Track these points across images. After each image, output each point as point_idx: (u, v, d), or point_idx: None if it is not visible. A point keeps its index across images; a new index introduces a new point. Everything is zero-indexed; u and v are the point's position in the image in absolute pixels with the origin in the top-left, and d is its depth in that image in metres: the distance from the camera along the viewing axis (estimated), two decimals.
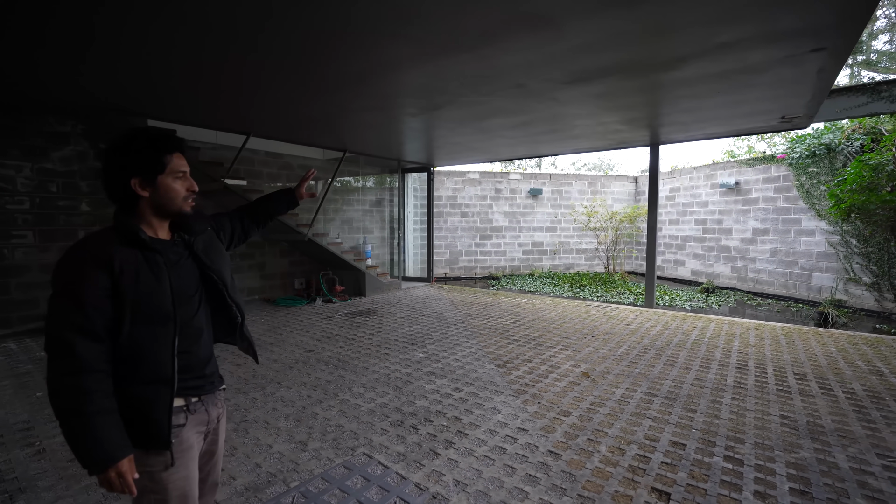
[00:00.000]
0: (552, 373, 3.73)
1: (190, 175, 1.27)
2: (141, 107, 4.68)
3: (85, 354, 1.05)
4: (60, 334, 1.05)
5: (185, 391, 1.22)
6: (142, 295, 1.12)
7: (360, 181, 8.95)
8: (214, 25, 2.74)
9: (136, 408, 1.13)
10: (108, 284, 1.08)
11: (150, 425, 1.13)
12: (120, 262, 1.10)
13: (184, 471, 1.20)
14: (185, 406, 1.22)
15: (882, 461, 2.36)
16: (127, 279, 1.10)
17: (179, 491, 1.20)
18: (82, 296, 1.06)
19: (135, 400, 1.13)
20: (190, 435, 1.23)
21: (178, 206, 1.23)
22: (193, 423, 1.24)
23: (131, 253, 1.13)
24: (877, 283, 6.68)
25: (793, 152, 7.83)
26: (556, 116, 5.07)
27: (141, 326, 1.12)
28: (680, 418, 2.88)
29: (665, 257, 11.05)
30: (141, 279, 1.12)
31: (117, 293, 1.09)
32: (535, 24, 2.71)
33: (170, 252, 1.22)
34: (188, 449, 1.22)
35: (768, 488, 2.13)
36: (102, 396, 1.06)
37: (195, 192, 1.28)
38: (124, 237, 1.14)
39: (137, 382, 1.13)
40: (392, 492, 2.12)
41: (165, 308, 1.15)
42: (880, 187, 5.70)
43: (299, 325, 5.48)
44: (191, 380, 1.24)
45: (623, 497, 2.08)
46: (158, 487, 1.17)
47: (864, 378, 3.57)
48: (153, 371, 1.14)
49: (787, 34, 2.88)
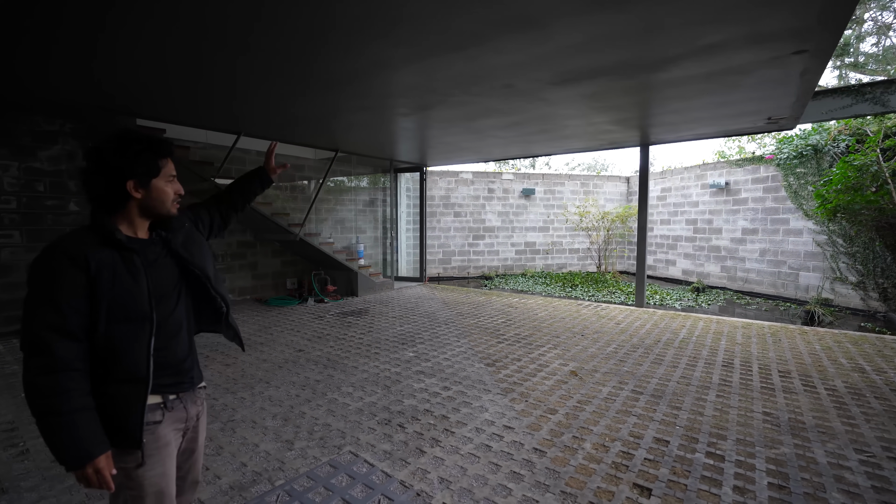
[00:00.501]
0: (540, 371, 3.76)
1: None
2: (130, 106, 4.65)
3: (61, 353, 1.05)
4: (37, 333, 1.05)
5: (162, 388, 1.23)
6: (118, 295, 1.13)
7: (352, 181, 8.94)
8: (207, 26, 2.74)
9: (109, 406, 1.14)
10: (84, 284, 1.09)
11: (122, 424, 1.14)
12: (96, 262, 1.10)
13: (160, 468, 1.21)
14: (163, 403, 1.23)
15: (860, 456, 2.41)
16: (103, 279, 1.11)
17: (155, 487, 1.20)
18: (58, 295, 1.06)
19: (109, 398, 1.14)
20: (167, 432, 1.23)
21: (166, 208, 1.26)
22: (171, 421, 1.25)
23: (108, 253, 1.13)
24: (862, 282, 6.78)
25: (781, 153, 7.93)
26: (546, 117, 5.10)
27: (116, 326, 1.13)
28: (664, 415, 2.91)
29: (656, 257, 11.14)
30: (117, 279, 1.13)
31: (93, 293, 1.10)
32: (523, 25, 2.73)
33: (147, 251, 1.23)
34: (165, 446, 1.23)
35: (747, 483, 2.17)
36: (79, 395, 1.07)
37: (181, 195, 1.31)
38: (101, 237, 1.15)
39: (112, 381, 1.14)
40: (376, 489, 2.13)
41: (142, 308, 1.16)
42: (865, 188, 5.79)
43: (290, 325, 5.47)
44: (168, 377, 1.24)
45: (605, 493, 2.10)
46: (134, 484, 1.18)
47: (846, 375, 3.63)
48: (128, 370, 1.15)
49: (771, 36, 2.92)
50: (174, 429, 1.27)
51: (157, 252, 1.26)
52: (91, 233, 1.15)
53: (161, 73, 3.62)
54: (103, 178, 1.17)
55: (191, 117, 5.21)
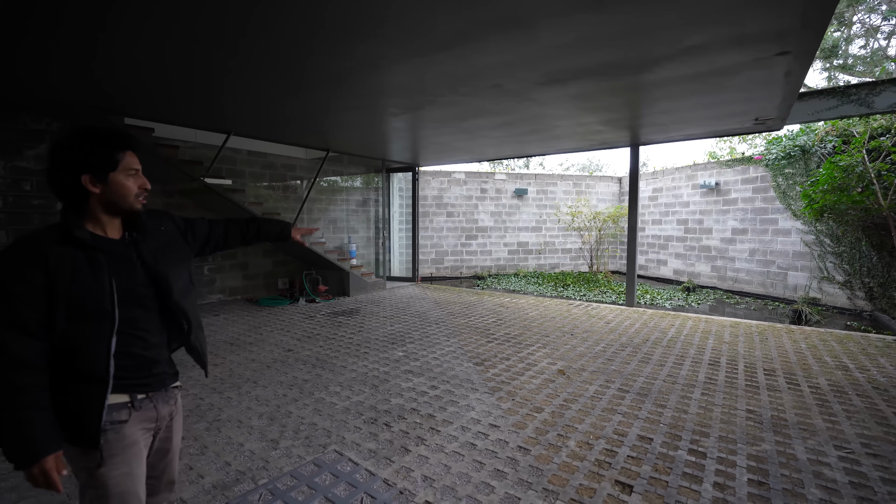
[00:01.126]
0: (528, 370, 3.78)
1: (142, 173, 1.28)
2: (118, 105, 4.62)
3: (14, 350, 1.05)
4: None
5: (130, 387, 1.22)
6: (77, 293, 1.12)
7: (344, 181, 8.93)
8: (198, 28, 2.74)
9: (68, 405, 1.13)
10: (43, 282, 1.08)
11: (80, 424, 1.13)
12: (55, 259, 1.10)
13: (125, 467, 1.19)
14: (130, 402, 1.22)
15: (839, 452, 2.44)
16: (62, 277, 1.10)
17: (119, 488, 1.18)
18: (12, 292, 1.06)
19: (67, 397, 1.13)
20: (133, 431, 1.22)
21: (129, 203, 1.24)
22: (139, 420, 1.24)
23: (69, 251, 1.13)
24: (849, 281, 6.86)
25: (769, 154, 8.01)
26: (536, 117, 5.12)
27: (76, 324, 1.12)
28: (649, 413, 2.93)
29: (648, 257, 11.21)
30: (78, 277, 1.12)
31: (52, 290, 1.09)
32: (508, 25, 2.74)
33: (115, 250, 1.22)
34: (131, 445, 1.21)
35: (727, 480, 2.19)
36: (33, 393, 1.07)
37: (147, 189, 1.29)
38: (65, 235, 1.14)
39: (70, 380, 1.13)
40: (360, 488, 2.14)
41: (103, 307, 1.14)
42: (851, 188, 5.86)
43: (280, 325, 5.46)
44: (137, 376, 1.23)
45: (587, 490, 2.12)
46: (97, 484, 1.16)
47: (830, 373, 3.67)
48: (86, 369, 1.14)
49: (753, 37, 2.96)
50: (142, 428, 1.25)
51: (128, 251, 1.25)
52: (57, 230, 1.15)
53: (151, 73, 3.60)
54: (59, 174, 1.16)
55: (180, 116, 5.18)
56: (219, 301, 6.94)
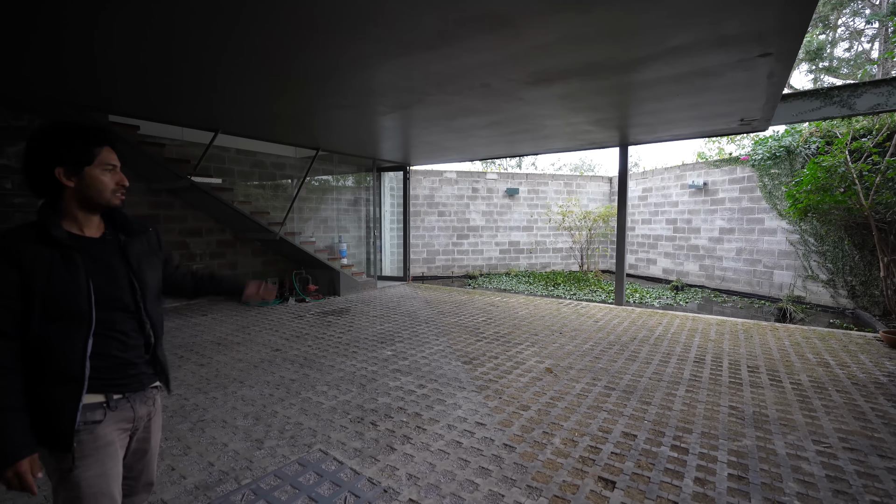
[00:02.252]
0: (516, 369, 3.80)
1: (121, 170, 1.27)
2: (101, 102, 4.55)
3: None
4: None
5: (106, 387, 1.20)
6: (53, 293, 1.10)
7: (335, 180, 8.89)
8: (188, 24, 2.71)
9: (41, 407, 1.11)
10: (17, 281, 1.07)
11: (53, 426, 1.11)
12: (30, 258, 1.08)
13: (98, 468, 1.18)
14: (105, 402, 1.20)
15: (817, 447, 2.49)
16: (37, 276, 1.08)
17: (93, 489, 1.16)
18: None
19: (41, 399, 1.11)
20: (108, 431, 1.20)
21: (106, 198, 1.23)
22: (114, 420, 1.22)
23: (45, 249, 1.11)
24: (832, 279, 6.98)
25: (755, 154, 8.11)
26: (525, 117, 5.14)
27: (51, 324, 1.11)
28: (634, 410, 2.96)
29: (638, 256, 11.30)
30: (53, 277, 1.11)
31: (27, 290, 1.08)
32: (493, 24, 2.75)
33: (94, 249, 1.21)
34: (106, 445, 1.19)
35: (708, 475, 2.22)
36: (7, 394, 1.05)
37: (125, 186, 1.28)
38: (41, 233, 1.13)
39: (44, 382, 1.12)
40: (344, 487, 2.13)
41: (79, 307, 1.13)
42: (834, 188, 5.95)
43: (269, 325, 5.42)
44: (114, 377, 1.22)
45: (570, 486, 2.14)
46: (70, 485, 1.15)
47: (811, 370, 3.73)
48: (61, 370, 1.12)
49: (735, 39, 3.00)
50: (118, 429, 1.24)
51: (108, 251, 1.24)
52: (33, 228, 1.13)
53: (137, 69, 3.56)
54: (34, 167, 1.15)
55: (167, 114, 5.12)
56: (207, 301, 6.87)
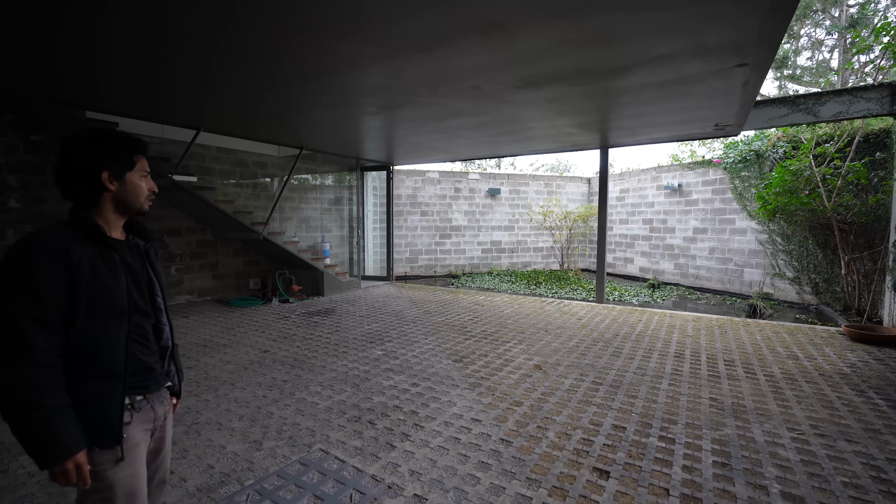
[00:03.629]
0: (506, 366, 3.88)
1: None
2: (78, 98, 4.40)
3: (40, 346, 1.04)
4: (15, 326, 1.03)
5: (130, 390, 1.22)
6: (98, 290, 1.13)
7: (318, 179, 8.80)
8: (172, 19, 2.66)
9: (86, 404, 1.12)
10: (65, 278, 1.08)
11: (101, 420, 1.13)
12: (77, 256, 1.10)
13: (130, 468, 1.20)
14: (130, 404, 1.23)
15: (791, 434, 2.66)
16: (84, 274, 1.11)
17: (126, 489, 1.19)
18: (38, 287, 1.05)
19: (85, 395, 1.12)
20: (136, 432, 1.23)
21: (140, 203, 1.28)
22: (139, 421, 1.25)
23: (88, 248, 1.14)
24: (798, 277, 7.37)
25: (727, 157, 8.48)
26: (512, 118, 5.24)
27: (95, 321, 1.13)
28: (622, 404, 3.09)
29: (616, 255, 11.62)
30: (97, 275, 1.13)
31: (73, 288, 1.09)
32: (486, 29, 2.82)
33: (123, 251, 1.25)
34: (135, 446, 1.22)
35: (695, 462, 2.35)
36: (57, 390, 1.06)
37: (155, 192, 1.34)
38: (82, 232, 1.15)
39: (88, 378, 1.13)
40: (348, 484, 2.16)
41: (121, 304, 1.17)
42: (799, 190, 6.30)
43: (254, 326, 5.35)
44: (135, 380, 1.24)
45: (567, 477, 2.23)
46: (104, 486, 1.16)
47: (782, 362, 3.96)
48: (105, 366, 1.15)
49: (716, 49, 3.16)
50: (143, 429, 1.26)
51: (133, 255, 1.28)
52: (70, 228, 1.15)
53: (117, 64, 3.46)
54: (78, 169, 1.18)
55: (147, 111, 4.99)
56: (187, 302, 6.71)
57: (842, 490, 2.12)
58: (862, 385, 3.42)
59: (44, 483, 2.18)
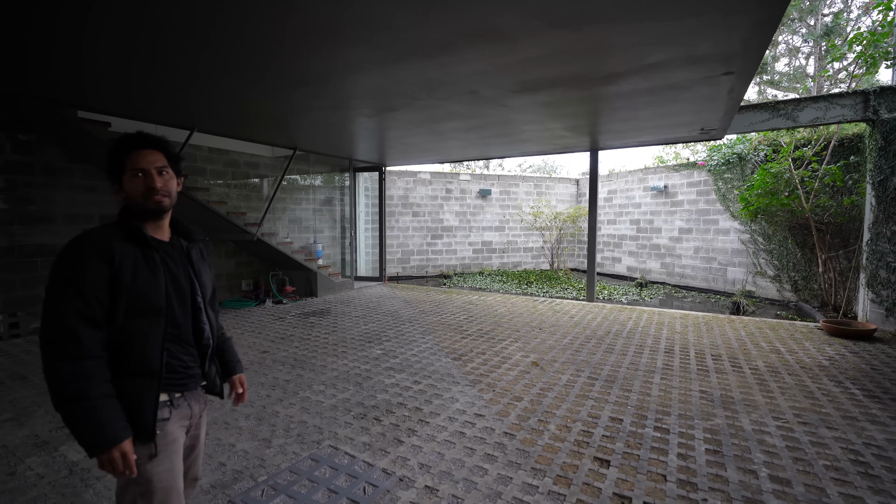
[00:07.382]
0: (504, 363, 3.98)
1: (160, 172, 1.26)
2: (67, 96, 4.35)
3: (87, 340, 1.10)
4: (63, 320, 1.09)
5: (168, 387, 1.27)
6: (138, 289, 1.18)
7: (309, 179, 8.79)
8: (171, 19, 2.68)
9: (123, 399, 1.17)
10: (108, 276, 1.14)
11: (135, 416, 1.18)
12: (120, 255, 1.16)
13: (168, 463, 1.25)
14: (169, 401, 1.28)
15: (776, 423, 2.82)
16: (125, 272, 1.16)
17: (163, 483, 1.23)
18: (84, 284, 1.11)
19: (122, 391, 1.17)
20: (174, 429, 1.28)
21: (139, 203, 1.24)
22: (177, 418, 1.29)
23: (131, 248, 1.19)
24: (778, 275, 7.66)
25: (711, 160, 8.75)
26: (506, 121, 5.35)
27: (133, 319, 1.18)
28: (617, 397, 3.22)
29: (604, 255, 11.85)
30: (138, 273, 1.18)
31: (115, 285, 1.15)
32: (491, 38, 2.91)
33: (166, 252, 1.29)
34: (172, 442, 1.27)
35: (689, 451, 2.48)
36: (104, 381, 1.12)
37: (154, 188, 1.23)
38: (126, 232, 1.21)
39: (125, 374, 1.18)
40: (360, 478, 2.23)
41: (158, 303, 1.21)
42: (780, 192, 6.56)
43: (250, 327, 5.35)
44: (175, 376, 1.28)
45: (570, 467, 2.33)
46: (142, 480, 1.21)
47: (766, 356, 4.15)
48: (142, 363, 1.19)
49: (704, 58, 3.31)
50: (180, 426, 1.31)
51: (176, 256, 1.32)
52: (117, 228, 1.21)
53: (115, 62, 3.45)
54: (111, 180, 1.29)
55: (140, 111, 4.94)
56: None
57: (824, 472, 2.27)
58: (840, 376, 3.62)
59: (55, 484, 2.19)
